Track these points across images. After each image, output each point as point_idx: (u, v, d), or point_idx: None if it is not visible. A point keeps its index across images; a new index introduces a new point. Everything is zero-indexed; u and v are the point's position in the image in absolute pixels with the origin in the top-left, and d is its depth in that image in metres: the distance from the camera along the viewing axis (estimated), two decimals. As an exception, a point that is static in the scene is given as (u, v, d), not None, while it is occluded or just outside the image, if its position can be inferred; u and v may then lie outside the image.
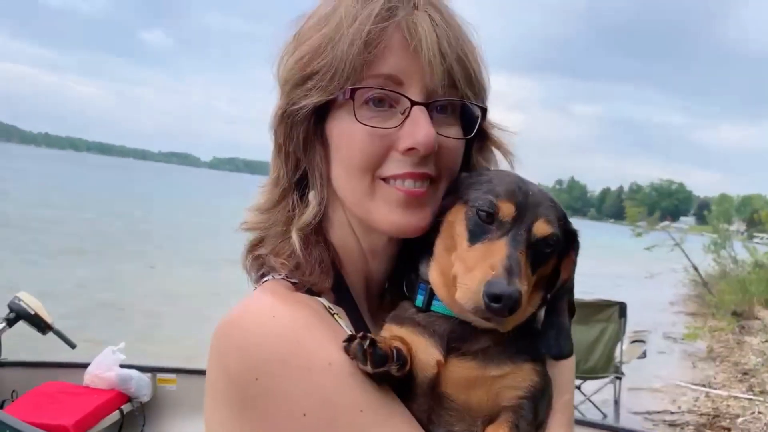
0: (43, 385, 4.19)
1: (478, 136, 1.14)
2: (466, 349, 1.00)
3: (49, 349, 4.98)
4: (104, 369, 4.30)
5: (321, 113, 1.08)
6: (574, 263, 1.07)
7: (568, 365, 1.10)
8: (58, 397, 4.11)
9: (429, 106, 1.05)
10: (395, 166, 1.06)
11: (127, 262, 15.67)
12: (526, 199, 1.00)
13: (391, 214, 1.07)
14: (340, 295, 1.12)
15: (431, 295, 1.05)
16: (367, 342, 0.93)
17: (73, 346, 4.40)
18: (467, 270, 0.95)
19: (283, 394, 0.94)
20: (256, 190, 1.19)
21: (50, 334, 4.28)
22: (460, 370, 0.99)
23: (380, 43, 1.02)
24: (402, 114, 1.05)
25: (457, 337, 1.01)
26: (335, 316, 1.06)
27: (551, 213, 1.01)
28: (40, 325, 4.16)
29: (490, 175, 1.07)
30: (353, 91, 1.03)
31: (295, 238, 1.09)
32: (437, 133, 1.04)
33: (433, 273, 1.05)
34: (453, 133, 1.09)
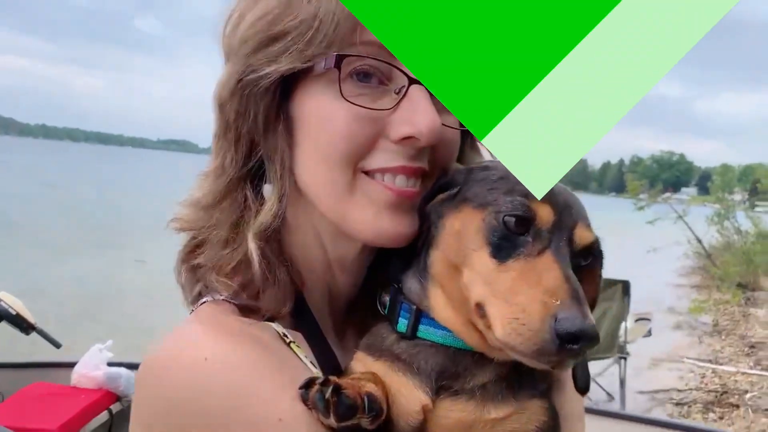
0: (29, 387, 4.09)
1: None
2: (459, 387, 0.81)
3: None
4: (91, 368, 4.17)
5: (286, 85, 0.87)
6: (599, 277, 0.86)
7: (577, 396, 0.91)
8: (45, 399, 4.00)
9: None
10: (385, 157, 0.85)
11: (118, 256, 15.40)
12: (559, 198, 0.80)
13: (377, 218, 0.86)
14: (300, 316, 0.92)
15: (417, 319, 0.85)
16: (330, 389, 0.73)
17: (57, 345, 4.25)
18: (505, 298, 0.74)
19: None
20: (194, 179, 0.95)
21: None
22: (453, 413, 0.80)
23: None
24: (397, 93, 0.84)
25: (449, 373, 0.82)
26: (291, 345, 0.87)
27: (585, 214, 0.81)
28: (22, 325, 4.01)
29: (501, 169, 0.82)
30: (340, 58, 0.81)
31: (251, 247, 0.87)
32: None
33: (435, 298, 0.84)
34: (452, 121, 0.88)
